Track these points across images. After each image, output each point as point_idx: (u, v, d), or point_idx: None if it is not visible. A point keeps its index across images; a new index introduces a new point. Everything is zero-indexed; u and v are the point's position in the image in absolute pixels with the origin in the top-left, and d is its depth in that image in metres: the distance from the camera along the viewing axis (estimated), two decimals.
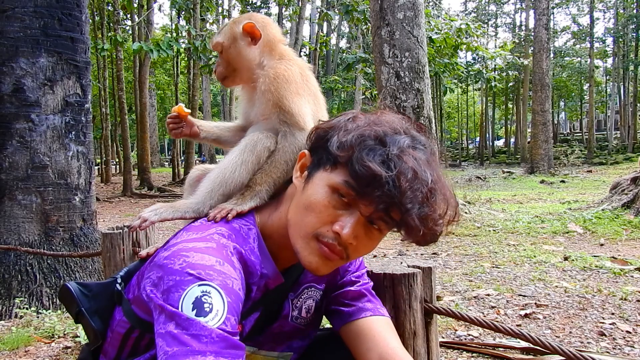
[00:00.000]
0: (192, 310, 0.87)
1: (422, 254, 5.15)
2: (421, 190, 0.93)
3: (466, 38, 13.49)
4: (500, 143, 47.58)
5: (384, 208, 0.93)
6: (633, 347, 2.57)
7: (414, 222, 0.93)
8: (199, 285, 0.89)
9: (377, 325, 1.17)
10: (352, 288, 1.23)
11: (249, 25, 1.33)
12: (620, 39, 32.32)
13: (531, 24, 26.96)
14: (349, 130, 0.99)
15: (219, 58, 1.39)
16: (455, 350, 2.58)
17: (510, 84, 35.08)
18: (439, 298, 3.42)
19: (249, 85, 1.34)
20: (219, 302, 0.88)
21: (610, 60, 38.57)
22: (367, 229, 0.99)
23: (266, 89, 1.25)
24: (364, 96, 17.54)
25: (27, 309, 3.36)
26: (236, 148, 1.23)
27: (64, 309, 3.33)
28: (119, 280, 1.18)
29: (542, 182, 16.56)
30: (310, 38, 30.00)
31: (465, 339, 2.75)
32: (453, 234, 6.22)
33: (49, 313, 3.28)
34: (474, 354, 2.53)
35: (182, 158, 23.43)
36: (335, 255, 0.99)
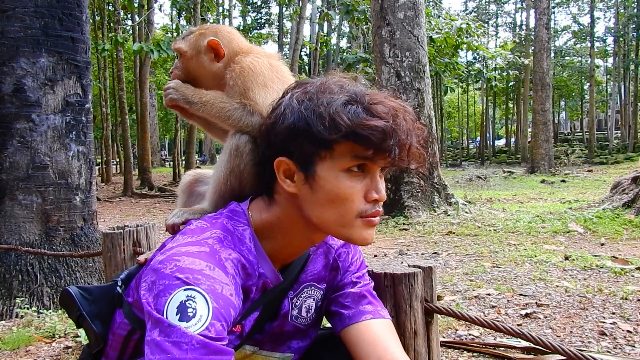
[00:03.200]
0: (176, 314, 0.87)
1: (422, 254, 5.15)
2: (408, 119, 1.00)
3: (467, 37, 13.49)
4: (500, 143, 47.57)
5: (399, 152, 0.98)
6: (634, 346, 2.56)
7: (417, 150, 1.02)
8: (185, 289, 0.89)
9: (376, 329, 1.16)
10: (352, 290, 1.22)
11: (214, 42, 1.32)
12: (621, 39, 32.28)
13: (532, 24, 26.93)
14: (321, 108, 0.97)
15: (177, 60, 1.38)
16: (456, 350, 2.58)
17: (511, 83, 35.04)
18: (439, 298, 3.42)
19: (219, 88, 1.33)
20: (204, 307, 0.88)
21: (610, 60, 38.52)
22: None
23: (233, 84, 1.27)
24: None
25: (27, 308, 3.36)
26: (223, 155, 1.26)
27: None
28: (120, 283, 1.18)
29: (542, 181, 16.55)
30: (310, 38, 29.97)
31: (466, 338, 2.75)
32: (454, 233, 6.22)
33: (50, 313, 3.29)
34: (474, 354, 2.53)
35: (183, 158, 23.43)
36: (378, 219, 1.05)
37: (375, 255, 5.08)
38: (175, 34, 16.42)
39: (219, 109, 1.25)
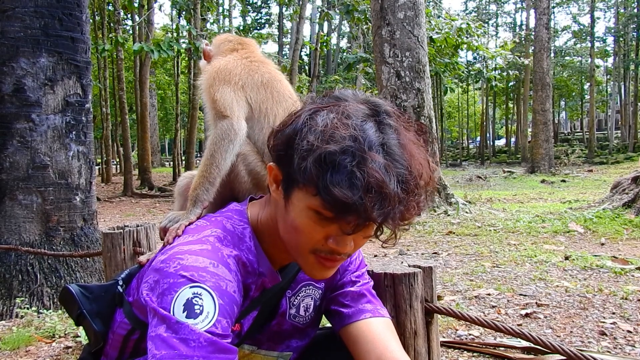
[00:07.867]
0: (183, 312, 0.87)
1: (422, 254, 5.15)
2: (392, 196, 0.86)
3: (467, 37, 13.49)
4: (501, 142, 47.52)
5: (362, 223, 0.90)
6: (634, 346, 2.56)
7: (389, 226, 0.92)
8: (191, 287, 0.89)
9: (376, 328, 1.16)
10: (352, 288, 1.22)
11: (206, 44, 1.48)
12: (621, 39, 32.27)
13: (532, 24, 26.92)
14: (307, 149, 0.89)
15: None
16: (456, 350, 2.58)
17: (511, 83, 35.00)
18: (439, 297, 3.42)
19: None
20: (210, 304, 0.89)
21: (610, 60, 38.49)
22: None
23: (201, 83, 1.33)
24: None
25: (27, 308, 3.36)
26: None
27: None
28: (120, 282, 1.18)
29: (542, 181, 16.55)
30: (310, 38, 29.96)
31: (466, 338, 2.75)
32: (454, 233, 6.22)
33: (50, 313, 3.28)
34: (474, 354, 2.53)
35: (183, 158, 23.43)
36: (337, 263, 1.00)
37: (375, 255, 5.08)
38: (175, 34, 16.42)
39: (207, 162, 1.23)
